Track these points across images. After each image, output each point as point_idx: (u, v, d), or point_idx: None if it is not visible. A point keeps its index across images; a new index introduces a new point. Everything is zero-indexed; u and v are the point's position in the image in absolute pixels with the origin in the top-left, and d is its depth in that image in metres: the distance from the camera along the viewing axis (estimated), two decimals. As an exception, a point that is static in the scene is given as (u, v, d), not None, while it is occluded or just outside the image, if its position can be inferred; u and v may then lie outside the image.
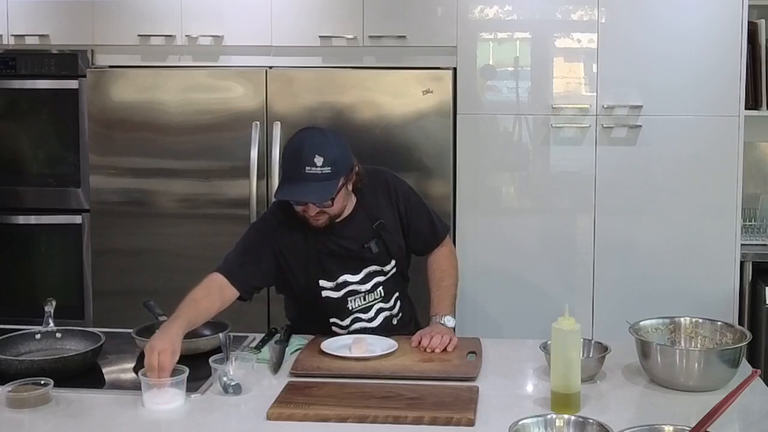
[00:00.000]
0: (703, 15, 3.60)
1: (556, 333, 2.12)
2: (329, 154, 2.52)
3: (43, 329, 2.56)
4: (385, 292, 2.75)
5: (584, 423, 1.89)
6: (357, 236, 2.69)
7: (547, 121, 3.69)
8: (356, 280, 2.70)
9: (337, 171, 2.53)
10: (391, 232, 2.73)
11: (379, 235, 2.71)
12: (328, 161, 2.50)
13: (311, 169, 2.49)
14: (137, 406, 2.16)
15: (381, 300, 2.75)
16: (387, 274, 2.75)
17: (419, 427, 2.04)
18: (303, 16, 3.77)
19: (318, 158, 2.50)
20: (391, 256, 2.74)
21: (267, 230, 2.70)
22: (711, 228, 3.65)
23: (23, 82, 3.94)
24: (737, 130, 3.61)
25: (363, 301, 2.72)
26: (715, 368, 2.24)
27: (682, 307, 2.78)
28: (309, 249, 2.66)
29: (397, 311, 2.80)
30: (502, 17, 3.70)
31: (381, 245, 2.70)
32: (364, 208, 2.72)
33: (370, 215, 2.72)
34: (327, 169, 2.50)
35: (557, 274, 3.74)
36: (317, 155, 2.50)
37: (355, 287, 2.71)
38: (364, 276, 2.71)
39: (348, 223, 2.69)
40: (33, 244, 4.02)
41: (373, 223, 2.71)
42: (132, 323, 2.67)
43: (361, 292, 2.72)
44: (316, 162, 2.50)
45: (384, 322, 2.76)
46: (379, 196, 2.75)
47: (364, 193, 2.72)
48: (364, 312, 2.73)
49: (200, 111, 3.76)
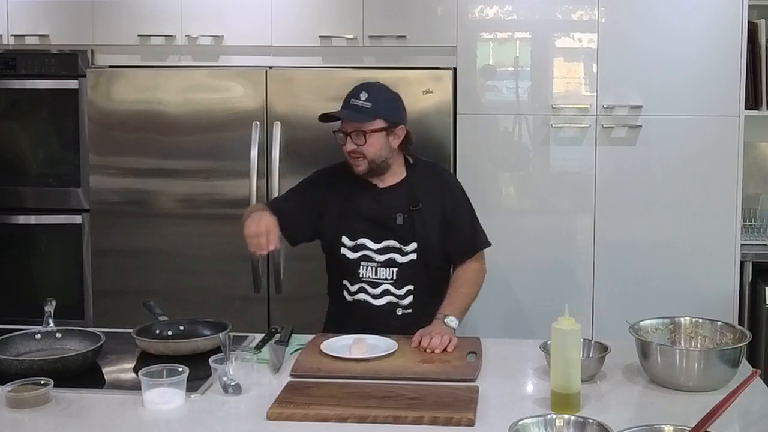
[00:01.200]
0: (703, 15, 3.60)
1: (556, 333, 2.12)
2: (375, 94, 2.75)
3: (43, 329, 2.56)
4: (398, 276, 2.77)
5: (584, 423, 1.89)
6: (390, 205, 2.79)
7: (547, 121, 3.69)
8: (374, 248, 2.78)
9: (377, 109, 2.73)
10: (425, 220, 2.78)
11: (411, 215, 2.77)
12: (371, 98, 2.73)
13: (355, 101, 2.74)
14: (137, 406, 2.16)
15: (392, 283, 2.78)
16: (405, 256, 2.78)
17: (419, 427, 2.04)
18: (303, 16, 3.77)
19: (363, 94, 2.74)
20: (415, 237, 2.77)
21: (317, 180, 2.94)
22: (711, 228, 3.66)
23: (23, 82, 3.94)
24: (737, 130, 3.61)
25: (374, 274, 2.78)
26: (715, 368, 2.24)
27: (682, 307, 2.78)
28: (345, 205, 2.82)
29: (406, 304, 2.80)
30: (502, 17, 3.70)
31: (408, 221, 2.77)
32: (409, 186, 2.82)
33: (412, 196, 2.80)
34: (368, 104, 2.72)
35: (557, 274, 3.74)
36: (363, 91, 2.75)
37: (370, 254, 2.78)
38: (382, 247, 2.78)
39: (388, 192, 2.81)
40: (33, 244, 4.02)
41: (411, 203, 2.79)
42: (132, 323, 2.67)
43: (375, 261, 2.78)
44: (360, 96, 2.74)
45: (387, 307, 2.79)
46: (430, 186, 2.84)
47: (415, 175, 2.85)
48: (372, 286, 2.78)
49: (200, 111, 3.76)
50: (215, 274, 3.79)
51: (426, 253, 2.79)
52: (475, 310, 3.74)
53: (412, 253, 2.78)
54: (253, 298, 3.75)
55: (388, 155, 2.77)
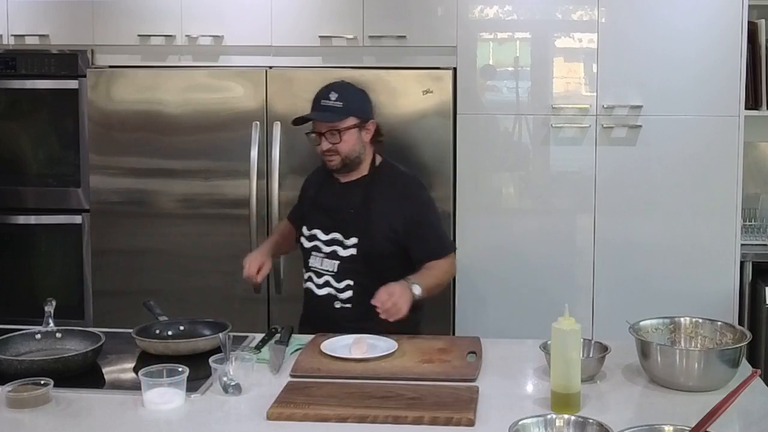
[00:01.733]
0: (703, 15, 3.60)
1: (556, 333, 2.12)
2: (344, 93, 2.82)
3: (43, 329, 2.56)
4: (339, 269, 2.83)
5: (584, 423, 1.89)
6: (344, 198, 2.87)
7: (547, 121, 3.69)
8: (323, 239, 2.88)
9: (348, 108, 2.81)
10: (373, 219, 2.82)
11: (362, 213, 2.83)
12: (342, 98, 2.81)
13: (325, 101, 2.82)
14: (137, 406, 2.16)
15: (332, 275, 2.85)
16: (346, 249, 2.83)
17: (419, 427, 2.04)
18: (303, 16, 3.77)
19: (333, 94, 2.82)
20: (357, 232, 2.82)
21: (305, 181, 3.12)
22: (711, 228, 3.66)
23: (23, 82, 3.94)
24: (737, 130, 3.61)
25: (320, 265, 2.87)
26: (715, 368, 2.24)
27: (682, 307, 2.78)
28: (312, 197, 2.97)
29: (344, 298, 2.84)
30: (502, 17, 3.70)
31: (353, 216, 2.84)
32: (367, 184, 2.88)
33: (369, 193, 2.86)
34: (339, 104, 2.80)
35: (557, 274, 3.74)
36: (333, 92, 2.83)
37: (319, 244, 2.89)
38: (329, 239, 2.87)
39: (346, 187, 2.89)
40: (33, 244, 4.02)
41: (367, 200, 2.85)
42: (132, 323, 2.67)
43: (322, 252, 2.87)
44: (330, 97, 2.82)
45: (327, 297, 2.86)
46: (390, 191, 2.88)
47: (379, 177, 2.90)
48: (317, 276, 2.88)
49: (200, 111, 3.76)
50: (215, 274, 3.79)
51: (366, 250, 2.82)
52: (476, 310, 3.76)
53: (352, 247, 2.83)
54: (253, 298, 3.74)
55: (361, 150, 2.86)
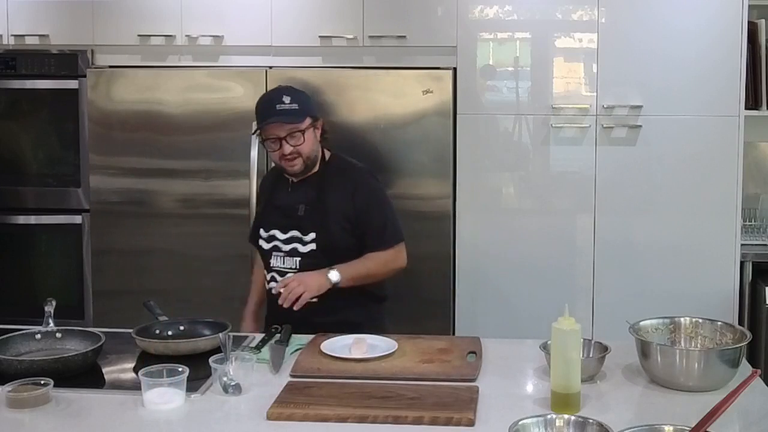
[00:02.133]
0: (703, 15, 3.60)
1: (556, 333, 2.12)
2: (295, 95, 2.87)
3: (43, 329, 2.55)
4: (301, 265, 2.88)
5: (584, 423, 1.89)
6: (297, 196, 2.92)
7: (547, 121, 3.69)
8: (281, 238, 2.91)
9: (303, 109, 2.85)
10: (328, 212, 2.87)
11: (315, 206, 2.88)
12: (295, 100, 2.85)
13: (281, 105, 2.83)
14: (137, 406, 2.16)
15: (295, 271, 2.88)
16: (305, 245, 2.87)
17: (419, 427, 2.04)
18: (303, 16, 3.77)
19: (286, 97, 2.84)
20: (313, 226, 2.86)
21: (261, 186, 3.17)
22: (711, 228, 3.66)
23: (23, 82, 3.94)
24: (737, 130, 3.61)
25: (282, 264, 2.90)
26: (715, 368, 2.24)
27: (682, 307, 2.78)
28: (266, 199, 3.01)
29: None
30: (502, 17, 3.70)
31: (308, 212, 2.88)
32: (318, 179, 2.92)
33: (320, 187, 2.90)
34: (294, 106, 2.84)
35: (557, 274, 3.74)
36: (285, 95, 2.85)
37: (279, 244, 2.91)
38: (288, 237, 2.90)
39: (298, 185, 2.94)
40: (33, 244, 4.02)
41: (316, 196, 2.89)
42: (132, 323, 2.67)
43: (282, 251, 2.90)
44: (284, 100, 2.84)
45: None
46: (340, 183, 2.93)
47: (329, 171, 2.96)
48: (280, 275, 2.90)
49: (200, 111, 3.76)
50: (215, 274, 3.79)
51: (324, 244, 2.86)
52: (476, 310, 3.76)
53: (311, 242, 2.87)
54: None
55: (317, 149, 2.92)
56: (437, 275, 3.69)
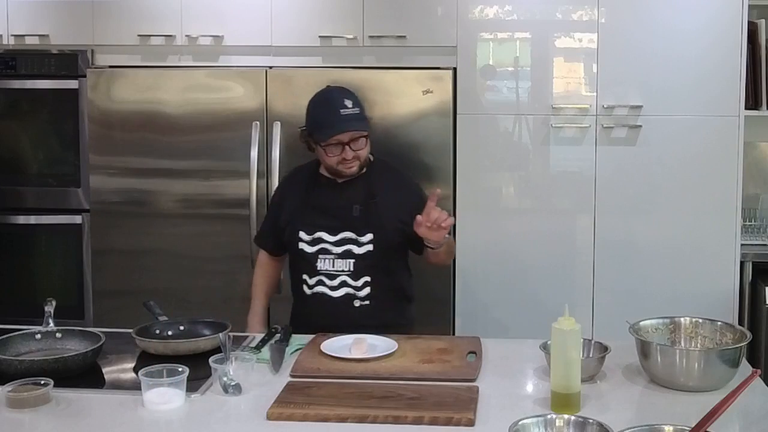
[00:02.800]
0: (703, 15, 3.60)
1: (556, 333, 2.12)
2: (354, 99, 2.84)
3: (43, 329, 2.55)
4: (355, 267, 2.83)
5: (584, 423, 1.89)
6: (348, 197, 2.85)
7: (547, 121, 3.69)
8: (331, 240, 2.84)
9: (364, 112, 2.83)
10: (381, 212, 2.83)
11: (367, 206, 2.83)
12: (356, 104, 2.82)
13: (345, 110, 2.78)
14: (137, 406, 2.16)
15: (348, 274, 2.83)
16: (361, 247, 2.83)
17: (419, 427, 2.04)
18: (303, 16, 3.77)
19: (348, 101, 2.80)
20: (370, 227, 2.82)
21: (281, 188, 3.06)
22: (711, 228, 3.66)
23: (23, 82, 3.94)
24: (737, 130, 3.61)
25: (331, 266, 2.83)
26: (715, 368, 2.24)
27: (682, 307, 2.78)
28: (303, 201, 2.89)
29: (363, 296, 2.84)
30: (502, 17, 3.70)
31: (364, 212, 2.83)
32: (366, 179, 2.87)
33: (369, 189, 2.86)
34: (356, 110, 2.80)
35: (557, 274, 3.74)
36: (346, 99, 2.81)
37: (327, 246, 2.84)
38: (339, 239, 2.84)
39: (346, 185, 2.87)
40: (33, 244, 4.02)
41: (369, 195, 2.84)
42: (132, 323, 2.67)
43: (332, 254, 2.83)
44: (347, 104, 2.79)
45: (345, 298, 2.84)
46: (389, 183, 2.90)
47: (373, 171, 2.90)
48: (330, 278, 2.84)
49: (200, 111, 3.76)
50: (215, 274, 3.79)
51: (382, 244, 2.84)
52: (476, 310, 3.76)
53: (368, 243, 2.83)
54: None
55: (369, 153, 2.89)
56: (437, 275, 3.68)
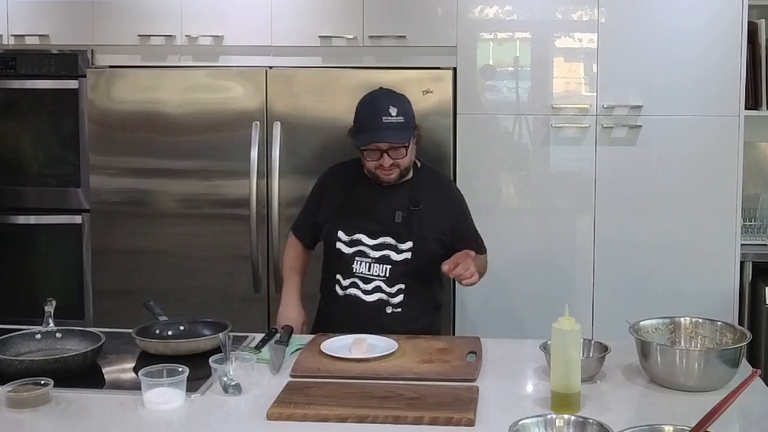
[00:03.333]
0: (703, 15, 3.60)
1: (556, 333, 2.12)
2: (401, 106, 2.79)
3: (43, 329, 2.56)
4: (391, 274, 2.80)
5: (584, 423, 1.90)
6: (391, 202, 2.82)
7: (547, 121, 3.69)
8: (370, 244, 2.82)
9: (408, 121, 2.78)
10: (423, 221, 2.82)
11: (410, 213, 2.81)
12: (401, 112, 2.76)
13: (387, 118, 2.73)
14: (137, 406, 2.16)
15: (384, 280, 2.80)
16: (400, 254, 2.81)
17: (419, 427, 2.04)
18: (303, 16, 3.77)
19: (393, 109, 2.75)
20: (411, 235, 2.80)
21: (322, 180, 3.00)
22: (711, 228, 3.65)
23: (23, 82, 3.94)
24: (737, 130, 3.61)
25: (367, 270, 2.80)
26: (715, 368, 2.24)
27: (682, 307, 2.78)
28: (344, 200, 2.86)
29: (396, 303, 2.82)
30: (502, 17, 3.70)
31: (406, 219, 2.80)
32: (411, 186, 2.86)
33: (413, 196, 2.84)
34: (400, 119, 2.75)
35: (557, 274, 3.74)
36: (391, 106, 2.76)
37: (365, 249, 2.81)
38: (377, 243, 2.81)
39: (391, 189, 2.85)
40: (33, 244, 4.02)
41: (411, 202, 2.82)
42: (132, 323, 2.67)
43: (369, 257, 2.81)
44: (391, 112, 2.74)
45: (378, 303, 2.81)
46: (434, 191, 2.89)
47: (419, 178, 2.88)
48: (365, 282, 2.81)
49: (200, 111, 3.76)
50: (215, 274, 3.79)
51: (420, 253, 2.82)
52: (476, 310, 3.76)
53: (407, 251, 2.81)
54: (253, 298, 3.75)
55: (412, 161, 2.87)
56: (437, 275, 3.68)
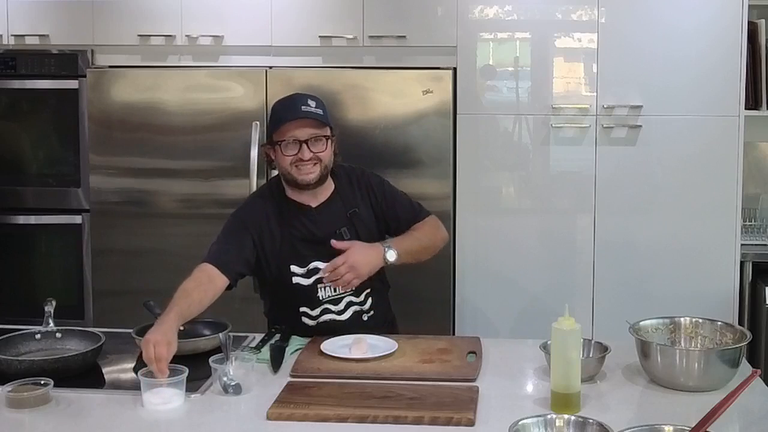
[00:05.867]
0: (703, 15, 3.60)
1: (556, 333, 2.12)
2: (319, 102, 2.72)
3: (43, 329, 2.56)
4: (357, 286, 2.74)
5: (584, 423, 1.89)
6: (331, 222, 2.75)
7: (547, 121, 3.69)
8: None
9: (326, 116, 2.70)
10: (365, 223, 2.79)
11: (352, 223, 2.77)
12: (319, 106, 2.70)
13: (306, 107, 2.67)
14: (137, 406, 2.16)
15: (351, 293, 2.76)
16: None
17: (419, 427, 2.04)
18: (303, 16, 3.77)
19: (311, 101, 2.70)
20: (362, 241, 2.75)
21: (246, 217, 2.77)
22: (711, 228, 3.66)
23: (23, 82, 3.94)
24: (737, 130, 3.61)
25: (333, 292, 2.74)
26: (715, 368, 2.24)
27: (682, 307, 2.78)
28: (284, 234, 2.72)
29: (368, 308, 2.81)
30: (502, 17, 3.70)
31: (353, 233, 2.75)
32: (340, 196, 2.79)
33: (346, 203, 2.79)
34: (319, 110, 2.68)
35: (557, 274, 3.74)
36: (309, 99, 2.70)
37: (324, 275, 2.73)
38: None
39: (324, 209, 2.76)
40: (33, 244, 4.02)
41: (347, 210, 2.78)
42: (132, 323, 2.67)
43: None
44: (309, 103, 2.68)
45: (353, 317, 2.77)
46: (355, 188, 2.82)
47: (341, 183, 2.81)
48: (334, 303, 2.76)
49: (200, 111, 3.76)
50: (215, 274, 3.78)
51: None
52: (476, 310, 3.76)
53: None
54: (253, 298, 3.73)
55: (332, 162, 2.75)
56: (437, 275, 3.68)
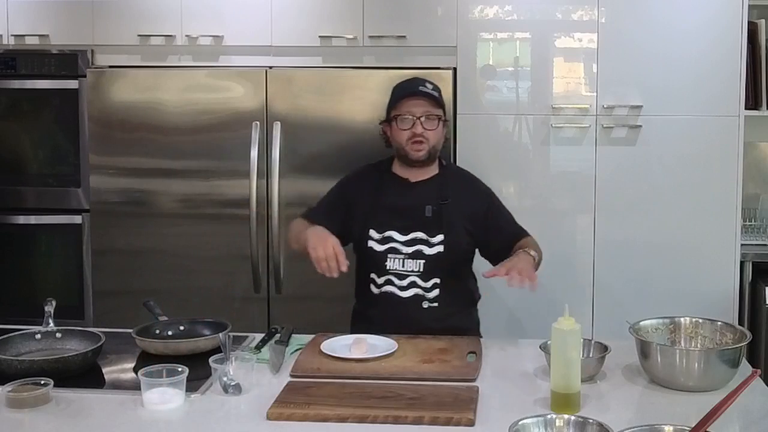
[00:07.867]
0: (703, 15, 3.60)
1: (556, 333, 2.12)
2: (435, 85, 2.92)
3: (43, 329, 2.56)
4: (425, 268, 2.81)
5: (584, 423, 1.90)
6: (421, 197, 2.87)
7: (547, 121, 3.69)
8: (401, 240, 2.83)
9: (442, 99, 2.90)
10: (453, 214, 2.84)
11: (439, 208, 2.84)
12: (435, 89, 2.91)
13: (424, 88, 2.88)
14: (137, 406, 2.16)
15: (418, 275, 2.81)
16: (432, 248, 2.82)
17: (419, 427, 2.04)
18: (303, 16, 3.77)
19: (428, 84, 2.91)
20: (442, 228, 2.82)
21: (348, 183, 3.02)
22: (711, 228, 3.65)
23: (23, 82, 3.94)
24: (737, 130, 3.61)
25: (401, 266, 2.81)
26: (715, 368, 2.24)
27: (682, 307, 2.78)
28: (374, 199, 2.88)
29: (432, 297, 2.83)
30: (502, 17, 3.70)
31: (436, 213, 2.83)
32: (440, 182, 2.90)
33: (442, 190, 2.88)
34: (435, 93, 2.89)
35: (557, 274, 3.73)
36: (427, 82, 2.92)
37: (397, 246, 2.83)
38: (409, 239, 2.83)
39: (418, 186, 2.90)
40: (33, 244, 4.01)
41: (441, 197, 2.86)
42: (132, 323, 2.67)
43: (402, 253, 2.82)
44: (427, 85, 2.89)
45: (414, 298, 2.82)
46: (461, 186, 2.93)
47: (446, 173, 2.95)
48: (399, 278, 2.82)
49: (200, 111, 3.76)
50: (215, 274, 3.79)
51: (452, 246, 2.83)
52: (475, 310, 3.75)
53: (439, 245, 2.83)
54: (253, 298, 3.75)
55: (440, 147, 2.92)
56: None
